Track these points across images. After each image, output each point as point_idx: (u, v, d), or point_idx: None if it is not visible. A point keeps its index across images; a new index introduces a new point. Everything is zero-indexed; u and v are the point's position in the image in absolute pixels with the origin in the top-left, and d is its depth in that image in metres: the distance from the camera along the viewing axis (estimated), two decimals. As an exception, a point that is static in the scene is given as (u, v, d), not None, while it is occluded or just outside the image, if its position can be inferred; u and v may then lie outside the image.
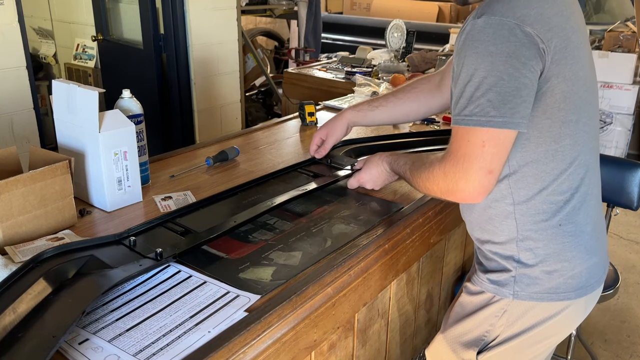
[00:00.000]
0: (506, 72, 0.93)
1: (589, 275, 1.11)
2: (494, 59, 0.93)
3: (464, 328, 1.19)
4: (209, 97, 3.53)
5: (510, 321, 1.12)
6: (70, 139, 1.36)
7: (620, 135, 4.21)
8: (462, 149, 0.98)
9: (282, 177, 1.57)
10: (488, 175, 0.98)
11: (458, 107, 0.98)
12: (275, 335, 0.95)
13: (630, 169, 1.92)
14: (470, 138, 0.97)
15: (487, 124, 0.95)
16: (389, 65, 3.00)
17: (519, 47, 0.93)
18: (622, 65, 4.04)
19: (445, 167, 1.01)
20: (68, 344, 0.88)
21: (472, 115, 0.96)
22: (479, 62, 0.94)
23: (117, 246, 1.16)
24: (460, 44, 0.99)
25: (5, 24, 2.50)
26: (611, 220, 2.04)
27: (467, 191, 0.99)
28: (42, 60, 4.51)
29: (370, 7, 6.99)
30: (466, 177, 0.98)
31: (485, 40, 0.94)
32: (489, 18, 0.94)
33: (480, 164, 0.97)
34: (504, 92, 0.93)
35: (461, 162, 0.98)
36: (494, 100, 0.94)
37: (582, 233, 1.09)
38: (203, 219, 1.30)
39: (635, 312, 2.62)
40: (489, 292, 1.14)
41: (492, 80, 0.93)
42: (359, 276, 1.16)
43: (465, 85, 0.97)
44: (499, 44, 0.93)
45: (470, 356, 1.17)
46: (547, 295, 1.09)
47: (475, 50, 0.95)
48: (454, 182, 1.00)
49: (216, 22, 3.44)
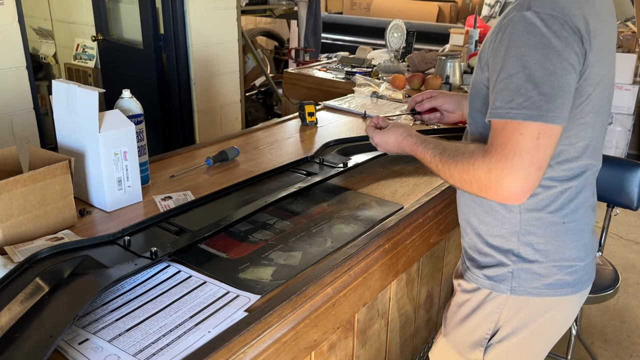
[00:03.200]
0: (560, 65, 0.91)
1: (585, 272, 1.12)
2: (548, 51, 0.91)
3: (466, 329, 1.18)
4: (209, 97, 3.53)
5: (510, 316, 1.12)
6: (70, 139, 1.36)
7: (620, 135, 4.21)
8: (512, 142, 0.92)
9: (275, 176, 1.58)
10: (537, 172, 0.92)
11: (502, 99, 0.94)
12: (275, 335, 0.95)
13: (630, 169, 1.92)
14: (523, 131, 0.91)
15: (540, 118, 0.91)
16: (389, 65, 2.99)
17: (570, 42, 0.92)
18: (622, 65, 4.04)
19: (491, 162, 0.94)
20: (68, 344, 0.88)
21: (522, 109, 0.91)
22: (531, 54, 0.91)
23: (112, 246, 1.16)
24: (507, 34, 0.95)
25: (5, 24, 2.51)
26: (611, 220, 2.04)
27: (512, 190, 0.93)
28: (42, 60, 4.51)
29: (370, 7, 6.99)
30: (515, 173, 0.91)
31: (538, 33, 0.91)
32: (540, 11, 0.92)
33: (533, 159, 0.91)
34: (556, 86, 0.91)
35: (510, 156, 0.92)
36: (547, 94, 0.90)
37: (582, 232, 1.09)
38: (197, 218, 1.30)
39: (635, 312, 2.62)
40: (485, 289, 1.13)
41: (544, 73, 0.91)
42: (359, 276, 1.16)
43: (513, 77, 0.93)
44: (553, 37, 0.91)
45: (477, 356, 1.17)
46: (544, 290, 1.09)
47: (528, 42, 0.92)
48: (499, 179, 0.93)
49: (216, 22, 3.44)
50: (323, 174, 1.55)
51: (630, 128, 4.18)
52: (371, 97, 2.51)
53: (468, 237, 1.19)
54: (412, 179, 1.58)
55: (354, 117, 2.22)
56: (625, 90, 4.09)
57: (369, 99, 2.49)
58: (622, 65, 4.04)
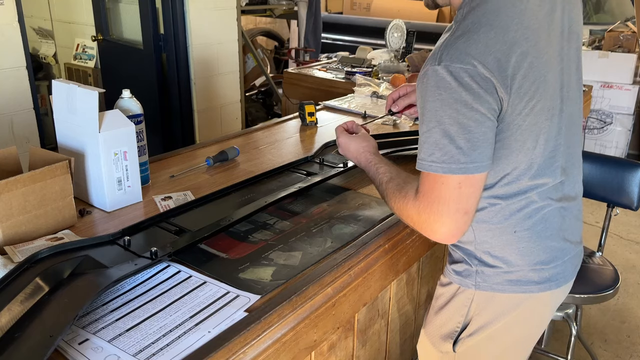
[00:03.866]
0: (473, 118, 0.93)
1: (554, 272, 1.11)
2: (459, 106, 0.92)
3: (440, 320, 1.20)
4: (209, 97, 3.53)
5: (479, 310, 1.14)
6: (70, 139, 1.36)
7: (620, 135, 4.21)
8: (436, 191, 0.97)
9: (275, 176, 1.58)
10: (464, 217, 0.97)
11: (424, 151, 0.97)
12: (275, 335, 0.95)
13: (630, 169, 1.92)
14: (445, 181, 0.95)
15: (459, 170, 0.94)
16: (389, 65, 2.99)
17: (481, 94, 0.92)
18: (622, 65, 4.05)
19: (420, 207, 0.99)
20: (68, 344, 0.88)
21: (441, 163, 0.95)
22: (444, 109, 0.93)
23: (111, 246, 1.16)
24: (422, 88, 0.97)
25: (5, 24, 2.50)
26: (611, 220, 2.04)
27: (441, 233, 0.98)
28: (42, 60, 4.51)
29: (370, 7, 6.99)
30: (441, 220, 0.97)
31: (448, 88, 0.92)
32: (449, 64, 0.92)
33: (457, 206, 0.96)
34: (473, 138, 0.93)
35: (435, 204, 0.97)
36: (464, 148, 0.93)
37: (539, 238, 1.08)
38: (197, 218, 1.30)
39: (635, 312, 2.62)
40: (455, 283, 1.16)
41: (458, 128, 0.93)
42: (359, 276, 1.16)
43: (431, 131, 0.96)
44: (462, 91, 0.92)
45: (447, 348, 1.18)
46: (508, 286, 1.11)
47: (439, 97, 0.93)
48: (428, 223, 0.99)
49: (216, 22, 3.44)
50: (323, 174, 1.55)
51: (630, 128, 4.18)
52: (371, 97, 2.51)
53: None
54: (412, 179, 1.58)
55: (354, 117, 2.22)
56: (625, 90, 4.09)
57: (369, 99, 2.49)
58: (622, 65, 4.05)
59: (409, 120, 2.14)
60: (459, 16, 1.00)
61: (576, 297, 1.77)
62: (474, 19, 0.96)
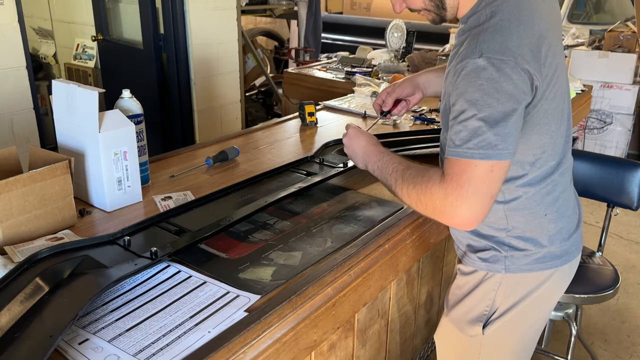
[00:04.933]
0: (511, 107, 0.98)
1: (571, 245, 1.21)
2: (500, 95, 0.98)
3: (466, 307, 1.25)
4: (209, 97, 3.53)
5: (507, 293, 1.19)
6: (70, 139, 1.36)
7: (620, 135, 4.21)
8: (468, 174, 1.00)
9: (275, 176, 1.58)
10: (490, 201, 1.01)
11: (460, 138, 1.01)
12: (275, 335, 0.95)
13: (630, 169, 1.92)
14: (478, 164, 0.99)
15: (495, 156, 0.99)
16: (389, 65, 2.99)
17: (520, 85, 0.99)
18: (622, 65, 4.04)
19: (447, 189, 1.01)
20: (68, 344, 0.88)
21: (479, 149, 0.99)
22: (484, 99, 0.98)
23: (111, 246, 1.16)
24: (461, 80, 1.01)
25: (5, 24, 2.50)
26: (611, 220, 2.04)
27: (465, 217, 1.01)
28: (42, 60, 4.51)
29: (370, 7, 6.99)
30: (468, 202, 0.99)
31: (489, 79, 0.98)
32: (491, 57, 0.98)
33: (487, 189, 1.00)
34: (509, 126, 0.99)
35: (465, 187, 0.99)
36: (501, 135, 0.98)
37: (562, 217, 1.18)
38: (196, 218, 1.30)
39: (635, 312, 2.62)
40: (482, 270, 1.20)
41: (498, 116, 0.98)
42: (359, 276, 1.16)
43: (468, 120, 1.00)
44: (503, 81, 0.97)
45: (477, 331, 1.23)
46: (536, 265, 1.18)
47: (480, 88, 0.98)
48: (454, 206, 1.00)
49: (216, 22, 3.44)
50: (323, 174, 1.55)
51: (630, 128, 4.18)
52: (371, 97, 2.51)
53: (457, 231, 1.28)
54: (412, 179, 1.58)
55: (354, 117, 2.22)
56: (625, 90, 4.09)
57: (369, 99, 2.49)
58: (622, 65, 4.04)
59: (408, 120, 2.14)
60: (484, 16, 1.05)
61: (576, 297, 1.77)
62: (502, 15, 1.03)
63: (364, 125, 2.09)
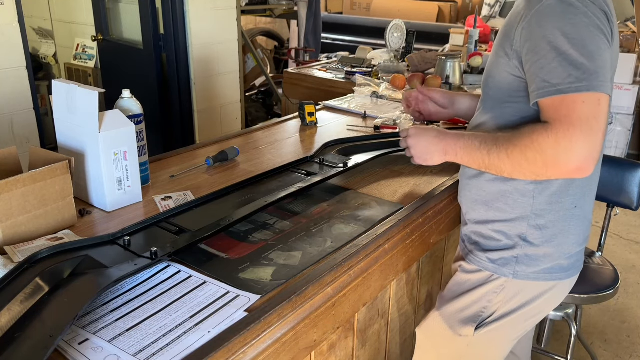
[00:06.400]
0: (603, 41, 0.95)
1: (577, 258, 1.19)
2: (592, 29, 0.94)
3: (461, 304, 1.23)
4: (209, 97, 3.53)
5: (508, 298, 1.17)
6: (70, 139, 1.36)
7: (620, 135, 4.21)
8: (577, 111, 0.91)
9: (275, 176, 1.58)
10: (602, 139, 0.92)
11: (558, 76, 0.93)
12: (275, 335, 0.95)
13: (630, 169, 1.92)
14: (586, 99, 0.91)
15: (599, 87, 0.91)
16: (389, 65, 2.99)
17: (605, 23, 0.96)
18: (622, 65, 4.03)
19: (558, 134, 0.92)
20: (68, 343, 0.88)
21: (582, 81, 0.91)
22: (577, 31, 0.93)
23: (111, 246, 1.16)
24: (541, 19, 0.96)
25: (5, 24, 2.51)
26: (611, 220, 2.04)
27: (582, 158, 0.91)
28: (42, 60, 4.51)
29: (370, 7, 6.99)
30: (583, 141, 0.90)
31: (579, 13, 0.94)
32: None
33: (598, 125, 0.91)
34: (604, 59, 0.94)
35: (578, 125, 0.90)
36: (600, 67, 0.92)
37: (585, 219, 1.15)
38: (197, 218, 1.30)
39: (635, 312, 2.62)
40: (487, 271, 1.18)
41: (593, 48, 0.93)
42: (359, 276, 1.16)
43: (563, 55, 0.93)
44: (592, 16, 0.94)
45: (468, 332, 1.21)
46: (542, 275, 1.15)
47: (571, 22, 0.94)
48: (568, 149, 0.91)
49: (216, 22, 3.45)
50: (323, 174, 1.55)
51: (630, 128, 4.18)
52: (371, 97, 2.51)
53: (471, 224, 1.24)
54: (412, 179, 1.58)
55: (354, 117, 2.22)
56: (625, 90, 4.09)
57: (369, 99, 2.49)
58: (622, 65, 4.03)
59: (408, 121, 2.14)
60: None
61: (576, 297, 1.77)
62: None
63: (364, 125, 2.09)
